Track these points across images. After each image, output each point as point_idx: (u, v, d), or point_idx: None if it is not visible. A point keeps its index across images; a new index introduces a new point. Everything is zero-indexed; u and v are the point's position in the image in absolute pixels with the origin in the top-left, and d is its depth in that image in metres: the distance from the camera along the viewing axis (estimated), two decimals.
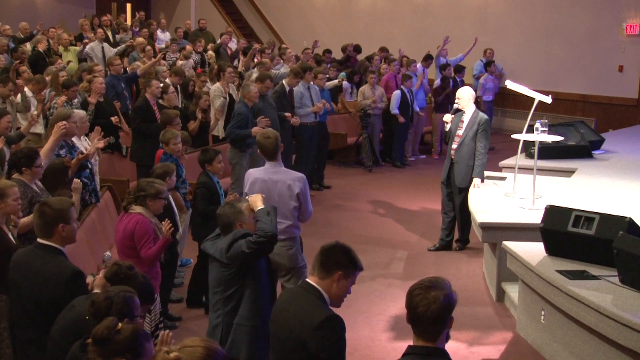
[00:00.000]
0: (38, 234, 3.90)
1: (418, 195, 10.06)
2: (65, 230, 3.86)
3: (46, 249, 3.84)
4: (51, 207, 3.86)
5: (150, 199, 5.00)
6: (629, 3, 13.04)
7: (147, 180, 5.15)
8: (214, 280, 4.22)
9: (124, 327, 2.89)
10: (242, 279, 4.10)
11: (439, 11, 15.88)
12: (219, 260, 4.14)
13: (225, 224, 4.24)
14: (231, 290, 4.12)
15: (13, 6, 17.01)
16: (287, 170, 5.47)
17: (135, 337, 2.87)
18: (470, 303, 6.43)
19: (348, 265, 3.32)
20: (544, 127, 6.83)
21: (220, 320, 4.18)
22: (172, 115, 7.39)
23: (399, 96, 11.52)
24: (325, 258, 3.33)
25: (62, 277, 3.73)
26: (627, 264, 4.70)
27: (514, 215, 6.53)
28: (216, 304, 4.20)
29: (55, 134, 5.72)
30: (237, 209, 4.25)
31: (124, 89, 9.79)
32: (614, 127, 12.59)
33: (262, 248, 4.04)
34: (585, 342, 4.87)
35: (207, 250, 4.28)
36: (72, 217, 3.92)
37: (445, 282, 2.85)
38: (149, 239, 4.93)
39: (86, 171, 6.30)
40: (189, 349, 2.48)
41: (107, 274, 3.64)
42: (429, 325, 2.79)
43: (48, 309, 3.66)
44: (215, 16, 18.89)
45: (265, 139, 5.31)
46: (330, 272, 3.30)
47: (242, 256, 4.02)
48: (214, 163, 6.25)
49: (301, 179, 5.26)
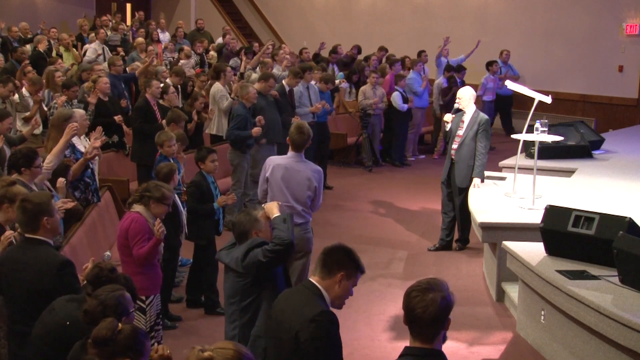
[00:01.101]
0: (23, 229, 3.95)
1: (418, 195, 10.06)
2: (50, 222, 3.91)
3: (33, 242, 3.89)
4: (31, 202, 3.91)
5: (154, 202, 4.96)
6: (629, 3, 13.04)
7: (157, 183, 5.12)
8: (230, 290, 4.09)
9: (124, 327, 2.91)
10: (258, 289, 3.98)
11: (439, 11, 15.88)
12: (234, 270, 4.02)
13: (241, 232, 4.11)
14: (248, 300, 3.99)
15: (13, 6, 17.00)
16: (308, 161, 5.72)
17: (136, 335, 2.89)
18: (470, 303, 6.43)
19: (350, 267, 3.33)
20: (544, 127, 6.83)
21: (237, 332, 4.05)
22: (181, 117, 7.51)
23: (400, 95, 11.54)
24: (327, 258, 3.34)
25: (51, 267, 3.78)
26: (627, 264, 4.70)
27: (514, 215, 6.53)
28: (232, 314, 4.08)
29: (66, 135, 5.73)
30: (252, 217, 4.13)
31: (124, 89, 9.81)
32: (614, 127, 12.58)
33: (279, 256, 3.92)
34: (585, 342, 4.87)
35: (222, 259, 4.16)
36: (53, 209, 3.97)
37: (443, 284, 2.85)
38: (142, 238, 4.87)
39: (88, 171, 6.32)
40: (221, 350, 2.54)
41: (88, 277, 3.63)
42: (426, 326, 2.79)
43: (40, 300, 3.68)
44: (215, 16, 18.89)
45: (298, 133, 5.56)
46: (332, 272, 3.31)
47: (258, 265, 3.90)
48: (206, 161, 6.28)
49: (319, 172, 5.61)
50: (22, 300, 3.84)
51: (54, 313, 3.47)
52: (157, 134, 6.75)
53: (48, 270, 3.77)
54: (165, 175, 5.74)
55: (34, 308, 3.71)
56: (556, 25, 13.96)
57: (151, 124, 8.15)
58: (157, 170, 5.92)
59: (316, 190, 5.55)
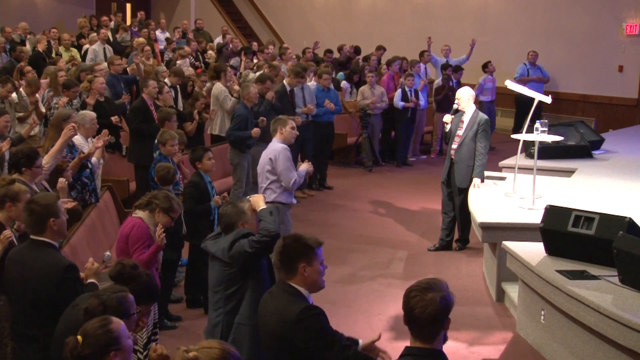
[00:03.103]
0: (30, 230, 3.93)
1: (418, 195, 10.06)
2: (57, 224, 3.88)
3: (39, 244, 3.87)
4: (38, 204, 3.89)
5: (160, 211, 4.93)
6: (629, 3, 13.05)
7: (167, 194, 5.06)
8: (215, 279, 4.22)
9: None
10: (243, 278, 4.12)
11: (439, 11, 15.88)
12: (220, 259, 4.15)
13: (227, 223, 4.25)
14: (232, 289, 4.13)
15: (13, 6, 17.00)
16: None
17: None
18: (470, 303, 6.43)
19: (305, 251, 3.31)
20: (544, 127, 6.83)
21: (221, 319, 4.19)
22: (170, 113, 7.41)
23: (400, 93, 11.54)
24: (282, 258, 3.33)
25: (55, 272, 3.75)
26: (627, 264, 4.69)
27: (514, 215, 6.53)
28: (217, 302, 4.21)
29: (64, 135, 5.73)
30: (239, 209, 4.27)
31: (123, 89, 9.79)
32: (614, 127, 12.58)
33: (265, 247, 4.05)
34: (585, 342, 4.87)
35: (208, 249, 4.28)
36: (60, 210, 3.95)
37: (443, 284, 2.85)
38: (143, 245, 4.85)
39: (86, 171, 6.30)
40: (206, 349, 2.53)
41: (111, 273, 3.64)
42: (426, 326, 2.79)
43: (44, 304, 3.67)
44: (215, 16, 18.89)
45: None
46: (293, 268, 3.30)
47: (244, 255, 4.04)
48: (204, 160, 6.27)
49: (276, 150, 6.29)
50: (24, 302, 3.82)
51: (77, 309, 3.44)
52: (159, 133, 6.74)
53: (52, 274, 3.74)
54: (163, 177, 5.77)
55: (37, 311, 3.70)
56: (556, 25, 13.96)
57: (148, 124, 8.13)
58: (156, 171, 5.93)
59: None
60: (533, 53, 13.44)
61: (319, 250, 3.35)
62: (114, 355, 2.77)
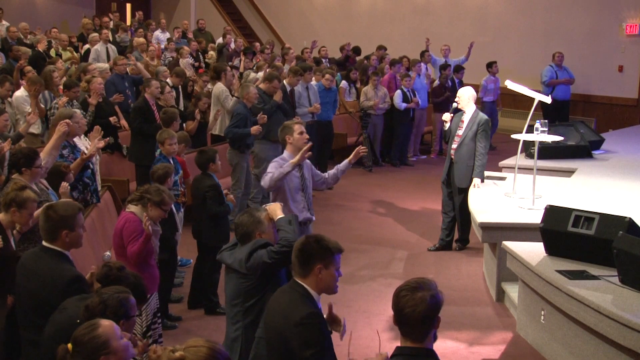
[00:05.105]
0: (43, 236, 3.86)
1: (418, 195, 10.06)
2: (69, 237, 3.81)
3: (50, 252, 3.81)
4: (56, 212, 3.81)
5: (152, 205, 4.94)
6: (629, 3, 13.05)
7: (159, 187, 5.10)
8: (232, 291, 4.06)
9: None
10: (262, 290, 3.95)
11: (439, 11, 15.89)
12: (237, 271, 3.99)
13: (244, 233, 4.08)
14: (251, 301, 3.97)
15: (13, 6, 17.00)
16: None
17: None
18: (470, 303, 6.42)
19: (324, 254, 3.29)
20: (544, 127, 6.83)
21: (240, 333, 4.03)
22: (176, 114, 7.44)
23: (401, 94, 11.54)
24: (300, 255, 3.31)
25: (60, 282, 3.69)
26: (627, 264, 4.70)
27: (514, 215, 6.53)
28: (235, 316, 4.05)
29: (58, 131, 5.70)
30: (256, 219, 4.10)
31: (127, 87, 9.77)
32: (614, 127, 12.59)
33: (285, 257, 3.84)
34: (585, 342, 4.87)
35: (224, 261, 4.13)
36: (77, 224, 3.84)
37: (432, 283, 2.86)
38: (135, 237, 4.87)
39: (88, 171, 6.30)
40: (193, 348, 2.50)
41: (97, 276, 3.61)
42: (416, 326, 2.80)
43: (46, 311, 3.61)
44: (215, 16, 18.89)
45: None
46: (309, 268, 3.28)
47: (263, 266, 3.89)
48: (217, 162, 6.26)
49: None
50: (28, 307, 3.80)
51: (64, 312, 3.43)
52: (158, 132, 6.74)
53: (55, 285, 3.68)
54: (161, 177, 5.73)
55: (40, 318, 3.65)
56: (556, 25, 13.96)
57: (150, 124, 8.13)
58: (152, 171, 5.90)
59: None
60: (559, 54, 12.87)
61: (337, 257, 3.33)
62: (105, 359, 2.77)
